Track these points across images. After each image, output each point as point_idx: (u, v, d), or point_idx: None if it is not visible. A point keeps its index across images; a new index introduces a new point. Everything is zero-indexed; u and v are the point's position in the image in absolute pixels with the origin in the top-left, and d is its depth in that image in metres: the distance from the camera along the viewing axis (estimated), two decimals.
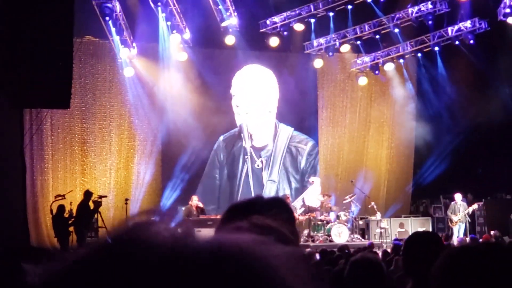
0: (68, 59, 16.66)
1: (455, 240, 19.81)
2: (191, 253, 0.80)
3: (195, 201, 20.67)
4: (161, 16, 22.35)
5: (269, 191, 24.05)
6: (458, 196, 22.53)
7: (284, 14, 23.79)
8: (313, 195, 22.98)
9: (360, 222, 23.14)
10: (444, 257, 2.12)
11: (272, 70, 24.83)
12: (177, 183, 23.22)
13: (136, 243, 0.81)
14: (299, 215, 21.25)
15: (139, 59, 22.87)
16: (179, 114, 23.16)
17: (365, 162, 26.50)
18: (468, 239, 19.73)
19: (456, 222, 22.17)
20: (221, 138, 24.31)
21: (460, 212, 22.23)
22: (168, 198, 23.10)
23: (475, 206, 22.54)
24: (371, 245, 16.58)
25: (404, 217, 24.40)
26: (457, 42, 24.16)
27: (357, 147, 26.50)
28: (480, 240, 17.94)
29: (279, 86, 24.96)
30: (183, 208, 20.78)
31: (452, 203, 22.66)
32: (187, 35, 22.78)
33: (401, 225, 23.19)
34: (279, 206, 2.28)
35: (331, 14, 23.75)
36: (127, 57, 22.47)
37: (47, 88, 16.31)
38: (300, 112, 24.99)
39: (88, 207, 19.36)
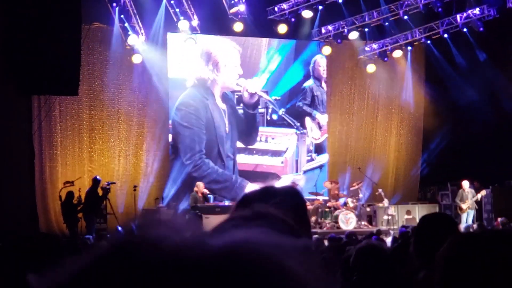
0: (76, 45, 16.71)
1: (462, 227, 19.80)
2: (203, 257, 0.78)
3: (201, 187, 20.67)
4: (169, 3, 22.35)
5: None
6: (465, 183, 22.50)
7: (292, 1, 23.68)
8: None
9: (368, 209, 23.16)
10: (448, 244, 2.09)
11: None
12: (183, 169, 23.25)
13: (144, 246, 0.79)
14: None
15: (147, 45, 22.85)
16: (188, 100, 23.25)
17: (373, 150, 26.49)
18: (475, 226, 19.72)
19: (465, 210, 22.16)
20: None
21: (469, 199, 22.21)
22: (173, 185, 23.12)
23: (483, 192, 22.52)
24: (378, 232, 16.60)
25: (412, 204, 24.39)
26: (465, 29, 24.05)
27: (365, 135, 26.49)
28: (489, 227, 17.94)
29: (287, 73, 24.95)
30: (190, 196, 20.87)
31: (460, 190, 22.62)
32: (195, 22, 22.74)
33: (408, 212, 23.19)
34: (287, 193, 2.28)
35: (339, 0, 23.65)
36: (135, 44, 22.47)
37: (56, 75, 16.36)
38: None
39: (97, 194, 19.45)
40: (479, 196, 22.30)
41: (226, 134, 23.91)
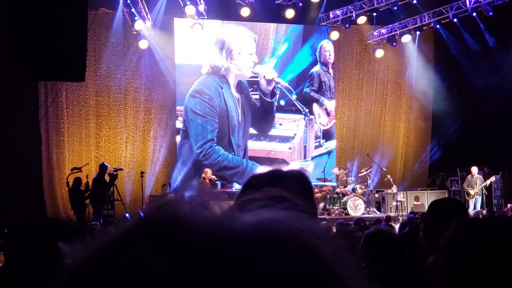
0: (83, 31, 16.64)
1: (471, 213, 19.71)
2: (234, 233, 0.75)
3: (209, 174, 20.61)
4: None
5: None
6: (474, 169, 22.44)
7: None
8: None
9: (376, 195, 23.11)
10: (452, 230, 2.07)
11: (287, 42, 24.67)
12: (189, 156, 23.20)
13: (174, 221, 0.76)
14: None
15: (154, 31, 22.74)
16: (202, 88, 23.19)
17: (382, 135, 26.40)
18: (484, 212, 19.62)
19: (472, 195, 22.09)
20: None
21: (477, 185, 22.14)
22: (180, 171, 23.08)
23: (492, 179, 22.44)
24: (388, 218, 16.51)
25: (421, 190, 24.32)
26: (474, 14, 23.84)
27: (374, 120, 26.37)
28: (498, 213, 17.83)
29: (294, 58, 24.82)
30: (197, 182, 20.84)
31: (468, 176, 22.57)
32: (202, 7, 22.60)
33: (417, 198, 23.13)
34: (296, 178, 2.26)
35: None
36: (142, 29, 22.35)
37: (62, 61, 16.31)
38: None
39: (104, 180, 19.43)
40: (487, 182, 22.21)
41: (239, 124, 23.83)
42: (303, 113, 24.63)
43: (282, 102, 24.54)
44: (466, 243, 1.98)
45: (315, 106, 25.19)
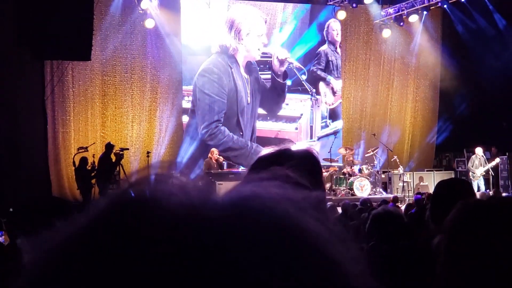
0: (89, 10, 16.61)
1: (477, 194, 19.67)
2: (208, 216, 0.73)
3: (215, 154, 20.58)
4: None
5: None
6: (478, 150, 22.41)
7: None
8: None
9: (383, 176, 23.07)
10: (455, 212, 2.06)
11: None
12: (196, 136, 23.17)
13: (147, 205, 0.73)
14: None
15: (160, 10, 22.62)
16: (212, 67, 23.10)
17: (389, 116, 26.32)
18: (491, 193, 19.59)
19: (478, 176, 22.09)
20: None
21: (481, 165, 22.12)
22: (186, 151, 23.07)
23: (497, 160, 22.39)
24: (395, 199, 16.50)
25: (427, 171, 24.28)
26: None
27: (381, 101, 26.29)
28: (504, 194, 17.79)
29: (302, 37, 24.67)
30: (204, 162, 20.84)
31: (473, 156, 22.54)
32: None
33: (421, 179, 23.09)
34: (303, 157, 2.25)
35: None
36: (148, 8, 22.23)
37: (68, 40, 16.30)
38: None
39: (110, 160, 19.43)
40: (492, 164, 22.19)
41: (247, 105, 23.74)
42: (310, 93, 24.53)
43: (289, 82, 24.44)
44: (469, 225, 1.98)
45: (321, 85, 25.08)
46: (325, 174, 21.07)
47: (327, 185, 21.31)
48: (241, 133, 23.58)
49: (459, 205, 2.09)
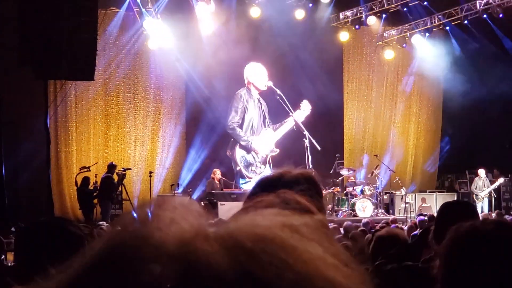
0: (93, 30, 16.64)
1: (480, 216, 19.59)
2: (201, 255, 0.72)
3: (217, 174, 20.58)
4: None
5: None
6: (481, 172, 22.38)
7: None
8: None
9: (385, 197, 23.00)
10: (451, 236, 2.07)
11: (297, 42, 24.12)
12: (198, 155, 23.11)
13: (139, 244, 0.74)
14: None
15: (163, 29, 22.59)
16: (205, 86, 22.97)
17: (392, 137, 26.31)
18: (494, 215, 19.52)
19: (481, 198, 22.03)
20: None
21: (485, 187, 22.08)
22: (188, 171, 23.03)
23: (501, 180, 22.35)
24: (394, 221, 16.44)
25: (429, 192, 24.22)
26: (485, 16, 23.73)
27: (384, 122, 26.30)
28: (506, 216, 17.72)
29: (303, 58, 24.30)
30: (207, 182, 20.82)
31: (476, 178, 22.50)
32: (212, 7, 22.50)
33: (423, 200, 23.01)
34: (308, 181, 2.24)
35: None
36: (152, 29, 22.22)
37: (72, 60, 16.31)
38: (324, 86, 24.50)
39: (112, 180, 19.41)
40: (495, 184, 22.14)
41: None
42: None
43: None
44: (462, 253, 1.99)
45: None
46: (326, 194, 21.05)
47: (329, 206, 21.27)
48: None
49: (452, 231, 2.09)
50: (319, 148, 19.90)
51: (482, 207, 21.83)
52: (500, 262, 1.93)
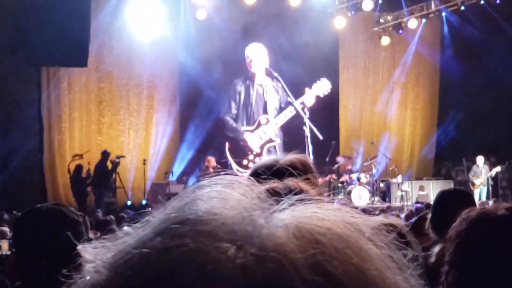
0: (86, 17, 16.52)
1: (477, 204, 19.53)
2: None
3: (212, 162, 20.42)
4: None
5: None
6: (480, 159, 22.29)
7: None
8: None
9: (381, 185, 22.91)
10: (460, 222, 2.09)
11: (291, 29, 23.89)
12: (193, 143, 22.97)
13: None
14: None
15: (158, 16, 22.39)
16: (199, 73, 22.74)
17: (388, 124, 26.20)
18: (490, 202, 19.45)
19: (477, 185, 21.96)
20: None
21: (482, 175, 22.01)
22: (182, 159, 22.90)
23: (497, 168, 22.29)
24: (389, 208, 16.38)
25: (426, 179, 24.14)
26: (482, 1, 23.62)
27: (381, 109, 26.17)
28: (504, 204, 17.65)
29: (298, 45, 24.05)
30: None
31: (474, 166, 22.45)
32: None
33: (422, 188, 22.92)
34: (303, 165, 2.26)
35: None
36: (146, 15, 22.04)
37: (65, 47, 16.23)
38: (319, 72, 24.25)
39: (106, 167, 19.37)
40: (493, 172, 22.08)
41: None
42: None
43: None
44: (474, 236, 2.00)
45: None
46: (322, 181, 20.94)
47: (325, 194, 21.13)
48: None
49: (463, 216, 2.10)
50: (321, 137, 19.58)
51: (480, 195, 21.76)
52: (510, 245, 1.94)
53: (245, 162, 20.05)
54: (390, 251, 0.76)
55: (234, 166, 19.96)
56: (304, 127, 19.74)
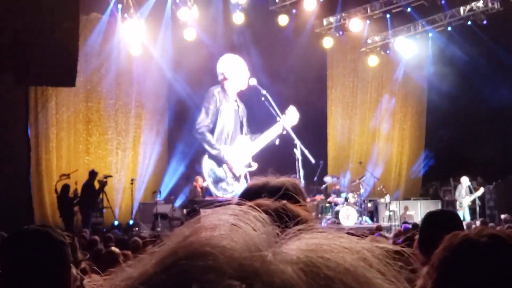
0: (74, 36, 16.48)
1: (464, 224, 19.53)
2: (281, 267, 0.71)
3: (200, 181, 20.34)
4: None
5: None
6: (464, 179, 22.37)
7: None
8: None
9: (369, 205, 22.90)
10: (443, 249, 2.07)
11: (280, 48, 24.00)
12: (181, 162, 22.91)
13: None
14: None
15: (146, 35, 22.39)
16: (187, 93, 22.73)
17: (377, 144, 26.26)
18: (478, 222, 19.47)
19: (463, 206, 22.01)
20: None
21: (467, 195, 22.07)
22: (170, 178, 22.84)
23: (481, 190, 22.29)
24: (379, 228, 16.33)
25: (414, 199, 24.17)
26: (469, 22, 23.81)
27: (369, 129, 26.24)
28: (491, 224, 17.66)
29: (286, 65, 24.04)
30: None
31: (459, 186, 22.50)
32: (195, 12, 22.35)
33: (406, 208, 22.93)
34: (294, 188, 2.25)
35: None
36: (134, 35, 22.02)
37: (53, 66, 16.17)
38: (308, 92, 24.25)
39: (93, 187, 19.27)
40: (476, 194, 22.12)
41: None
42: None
43: None
44: (456, 264, 1.98)
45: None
46: (310, 203, 20.89)
47: (313, 214, 21.11)
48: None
49: (446, 242, 2.09)
50: (313, 161, 19.32)
51: (464, 215, 21.75)
52: (493, 274, 1.91)
53: (224, 185, 19.80)
54: (398, 283, 0.76)
55: (212, 189, 19.68)
56: (294, 150, 19.52)
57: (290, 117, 19.94)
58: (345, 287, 0.70)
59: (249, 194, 2.13)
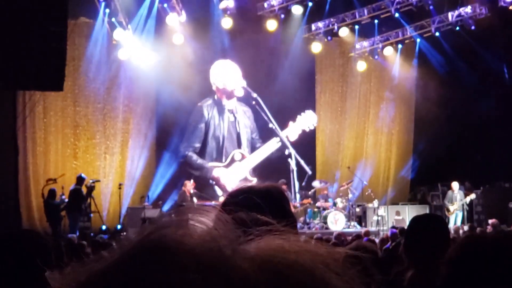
0: (62, 41, 16.42)
1: (451, 229, 19.57)
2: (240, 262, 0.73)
3: (189, 186, 20.32)
4: None
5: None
6: (455, 185, 22.34)
7: None
8: None
9: (357, 210, 22.92)
10: (459, 246, 2.11)
11: (268, 53, 23.99)
12: (169, 167, 22.86)
13: (178, 248, 0.73)
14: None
15: (134, 40, 22.38)
16: (175, 98, 22.66)
17: (365, 149, 26.29)
18: (465, 227, 19.50)
19: (452, 211, 22.01)
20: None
21: (457, 201, 22.06)
22: (159, 183, 22.78)
23: (472, 196, 22.33)
24: (367, 233, 16.33)
25: (402, 204, 24.18)
26: (457, 28, 23.89)
27: (358, 134, 26.29)
28: (478, 228, 17.69)
29: (275, 70, 24.05)
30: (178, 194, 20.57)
31: (449, 191, 22.49)
32: (183, 17, 22.37)
33: (398, 213, 22.98)
34: (279, 194, 2.26)
35: None
36: (122, 39, 21.96)
37: (41, 70, 16.10)
38: (296, 97, 24.28)
39: (81, 192, 19.20)
40: (468, 199, 22.12)
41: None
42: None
43: None
44: (473, 260, 2.01)
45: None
46: (299, 208, 20.90)
47: (301, 219, 21.14)
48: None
49: (462, 240, 2.15)
50: (309, 172, 19.06)
51: (456, 220, 21.78)
52: (505, 269, 1.95)
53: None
54: (355, 285, 0.77)
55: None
56: (289, 160, 19.35)
57: (308, 120, 19.92)
58: (302, 285, 0.71)
59: (233, 198, 2.12)
